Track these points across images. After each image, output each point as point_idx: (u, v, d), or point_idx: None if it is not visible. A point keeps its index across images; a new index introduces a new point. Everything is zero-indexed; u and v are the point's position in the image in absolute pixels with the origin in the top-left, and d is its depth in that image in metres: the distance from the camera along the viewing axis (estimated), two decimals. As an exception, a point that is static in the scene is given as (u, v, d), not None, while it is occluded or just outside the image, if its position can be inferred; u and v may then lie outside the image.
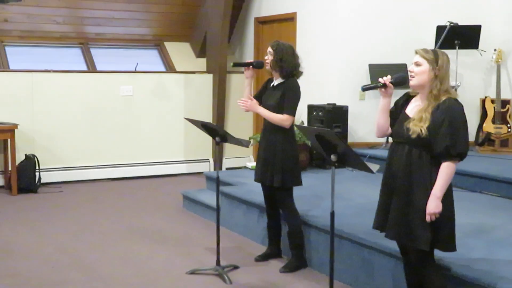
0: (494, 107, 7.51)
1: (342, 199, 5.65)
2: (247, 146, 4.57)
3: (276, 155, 4.71)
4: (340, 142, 3.33)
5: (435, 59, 3.35)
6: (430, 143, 3.31)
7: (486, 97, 7.65)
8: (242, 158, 9.12)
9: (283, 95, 4.67)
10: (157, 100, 8.73)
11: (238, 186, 6.32)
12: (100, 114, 8.39)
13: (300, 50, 7.97)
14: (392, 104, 3.62)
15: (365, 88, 3.57)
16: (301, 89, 4.78)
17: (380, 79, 3.52)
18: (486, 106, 7.58)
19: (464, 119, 3.32)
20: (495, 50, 7.64)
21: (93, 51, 8.86)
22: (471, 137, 7.57)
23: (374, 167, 3.30)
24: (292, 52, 4.74)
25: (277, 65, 4.67)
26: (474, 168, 6.25)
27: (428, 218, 3.30)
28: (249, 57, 9.26)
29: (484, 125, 7.50)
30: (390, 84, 3.50)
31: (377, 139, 7.59)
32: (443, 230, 3.36)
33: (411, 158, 3.37)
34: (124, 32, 8.99)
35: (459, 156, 3.29)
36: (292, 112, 4.69)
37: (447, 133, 3.26)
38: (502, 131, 7.42)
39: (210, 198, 6.50)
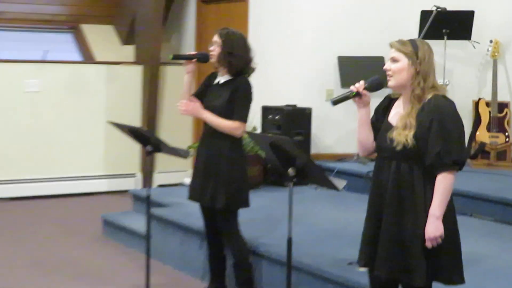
0: (490, 112, 7.79)
1: (303, 224, 5.79)
2: (185, 157, 4.68)
3: (220, 168, 4.80)
4: (300, 153, 3.48)
5: (415, 52, 3.46)
6: (419, 153, 3.41)
7: (480, 99, 7.93)
8: (178, 173, 9.19)
9: (232, 97, 4.78)
10: (72, 98, 8.76)
11: (173, 208, 6.41)
12: (-2, 115, 8.39)
13: (253, 38, 8.19)
14: (372, 113, 3.71)
15: (335, 102, 3.67)
16: (254, 87, 4.91)
17: (351, 87, 3.62)
18: (480, 110, 7.86)
19: (456, 118, 3.43)
20: (491, 41, 7.92)
21: (-11, 34, 8.89)
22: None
23: (341, 183, 3.43)
24: (244, 43, 4.87)
25: (226, 59, 4.78)
26: (464, 186, 6.47)
27: (429, 245, 3.38)
28: (189, 45, 9.37)
29: (477, 133, 7.78)
30: (365, 91, 3.61)
31: (347, 150, 7.79)
32: (446, 257, 3.44)
33: (400, 175, 3.47)
34: (30, 11, 8.99)
35: (455, 164, 3.37)
36: (244, 118, 4.82)
37: (437, 137, 3.35)
38: (499, 140, 7.71)
39: (137, 222, 6.57)
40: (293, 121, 7.57)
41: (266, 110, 7.76)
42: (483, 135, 7.76)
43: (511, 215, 6.03)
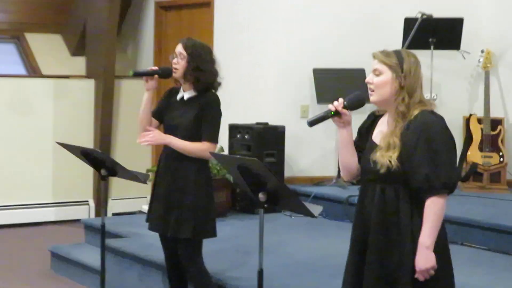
0: (482, 129, 7.95)
1: (276, 255, 5.87)
2: (145, 182, 4.74)
3: (185, 194, 4.84)
4: (271, 176, 3.55)
5: (399, 64, 3.49)
6: (405, 176, 3.45)
7: (471, 115, 8.08)
8: (136, 199, 9.24)
9: (200, 115, 4.83)
10: (15, 117, 8.79)
11: (130, 239, 6.47)
12: None
13: (219, 48, 8.31)
14: (355, 132, 3.74)
15: (311, 122, 3.68)
16: (221, 103, 4.97)
17: (330, 106, 3.63)
18: (471, 128, 8.01)
19: (446, 136, 3.46)
20: (482, 51, 8.09)
21: None
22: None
23: (316, 209, 3.52)
24: (211, 57, 4.93)
25: (193, 75, 4.82)
26: (454, 212, 6.58)
27: (421, 277, 3.42)
28: (147, 56, 9.44)
29: (469, 153, 7.92)
30: (345, 110, 3.61)
31: (325, 172, 7.90)
32: None
33: (385, 200, 3.51)
34: (-33, 19, 9.05)
35: (445, 187, 3.40)
36: (215, 138, 4.88)
37: (425, 157, 3.38)
38: (492, 161, 7.85)
39: (90, 255, 6.60)
40: (264, 141, 7.65)
41: (233, 129, 7.83)
42: (475, 154, 7.89)
43: (505, 243, 6.16)
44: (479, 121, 7.99)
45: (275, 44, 8.17)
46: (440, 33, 7.89)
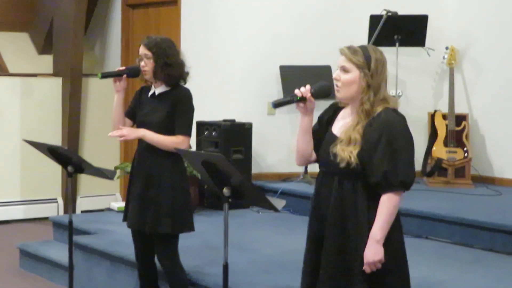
0: (447, 125, 8.06)
1: (245, 251, 5.96)
2: (111, 179, 4.79)
3: (161, 189, 4.89)
4: (235, 171, 3.62)
5: (367, 62, 3.55)
6: (363, 172, 3.53)
7: (436, 111, 8.20)
8: (104, 197, 9.28)
9: (172, 110, 4.88)
10: (-18, 115, 8.79)
11: (98, 235, 6.50)
12: None
13: (186, 46, 8.36)
14: (315, 120, 3.81)
15: (276, 104, 3.75)
16: None
17: (296, 91, 3.69)
18: (436, 124, 8.13)
19: (407, 135, 3.54)
20: (447, 48, 8.21)
21: None
22: (417, 164, 8.08)
23: (279, 203, 3.60)
24: (175, 49, 4.97)
25: (163, 72, 4.86)
26: (419, 207, 6.72)
27: (367, 269, 3.51)
28: (114, 54, 9.48)
29: (434, 148, 8.04)
30: (311, 97, 3.68)
31: (292, 169, 7.96)
32: (391, 282, 3.57)
33: (343, 192, 3.58)
34: None
35: (402, 185, 3.49)
36: (189, 131, 4.94)
37: (385, 155, 3.46)
38: (457, 156, 7.97)
39: (59, 252, 6.64)
40: (231, 138, 7.71)
41: (201, 126, 7.88)
42: (440, 150, 8.01)
43: (469, 237, 6.28)
44: (444, 117, 8.10)
45: (242, 42, 8.24)
46: (405, 30, 8.01)
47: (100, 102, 9.14)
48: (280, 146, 8.14)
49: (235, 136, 7.74)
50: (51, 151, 4.84)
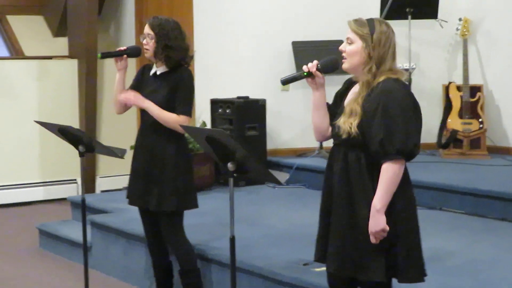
0: (461, 96, 8.11)
1: (258, 225, 6.07)
2: (121, 157, 4.87)
3: (165, 168, 4.97)
4: (238, 146, 3.71)
5: (370, 34, 3.60)
6: (365, 142, 3.57)
7: (450, 83, 8.24)
8: (122, 177, 9.39)
9: (173, 90, 4.95)
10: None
11: (115, 214, 6.63)
12: None
13: (199, 25, 8.45)
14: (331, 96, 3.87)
15: (284, 81, 3.85)
16: (202, 79, 5.10)
17: (304, 67, 3.77)
18: (450, 96, 8.17)
19: (405, 104, 3.53)
20: (460, 20, 8.24)
21: None
22: (432, 136, 8.14)
23: (282, 176, 3.67)
24: (179, 32, 5.01)
25: (163, 53, 4.93)
26: (433, 178, 6.79)
27: (373, 240, 3.55)
28: (128, 35, 9.56)
29: (449, 120, 8.09)
30: (318, 72, 3.74)
31: (308, 144, 8.04)
32: (400, 253, 3.59)
33: (348, 163, 3.64)
34: None
35: (399, 153, 3.50)
36: (189, 111, 5.00)
37: (382, 123, 3.49)
38: (472, 127, 8.01)
39: (77, 231, 6.68)
40: (245, 115, 7.81)
41: (215, 104, 7.97)
42: (455, 122, 8.05)
43: (482, 207, 6.34)
44: (458, 88, 8.15)
45: (254, 18, 8.30)
46: (416, 3, 8.04)
47: (115, 82, 9.21)
48: (294, 122, 8.20)
49: (249, 113, 7.83)
50: (62, 132, 4.94)
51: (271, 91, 8.10)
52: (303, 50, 8.02)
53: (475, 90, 8.14)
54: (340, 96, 3.85)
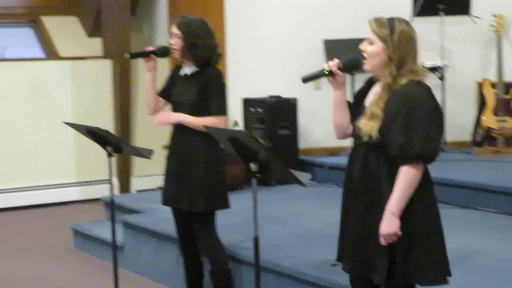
0: (496, 94, 8.04)
1: (287, 225, 6.08)
2: (149, 157, 4.91)
3: (196, 168, 5.00)
4: (260, 146, 3.72)
5: (390, 35, 3.56)
6: (385, 145, 3.55)
7: (484, 80, 8.19)
8: (157, 177, 9.44)
9: (203, 91, 4.97)
10: (34, 99, 8.99)
11: (147, 214, 6.69)
12: (-47, 121, 8.63)
13: (231, 25, 8.48)
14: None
15: (305, 79, 3.86)
16: (234, 78, 5.11)
17: (325, 65, 3.77)
18: (485, 93, 8.11)
19: (426, 107, 3.51)
20: (494, 16, 8.18)
21: None
22: (465, 134, 8.09)
23: (305, 176, 3.67)
24: (206, 30, 5.04)
25: (190, 52, 4.96)
26: (467, 177, 6.76)
27: (382, 241, 3.54)
28: (162, 35, 9.61)
29: (483, 118, 8.03)
30: (338, 71, 3.73)
31: (340, 143, 7.96)
32: (418, 255, 3.57)
33: (367, 165, 3.64)
34: (-16, 5, 9.28)
35: (419, 157, 3.49)
36: (224, 110, 5.01)
37: (402, 127, 3.47)
38: (507, 125, 7.94)
39: (109, 231, 6.76)
40: (277, 114, 7.83)
41: (247, 103, 8.01)
42: (489, 119, 7.99)
43: (515, 206, 6.30)
44: (493, 85, 8.08)
45: (286, 17, 8.32)
46: (448, -1, 8.02)
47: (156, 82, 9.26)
48: (326, 120, 8.06)
49: (281, 112, 7.85)
50: (90, 132, 4.99)
51: (303, 90, 8.05)
52: (334, 49, 8.01)
53: (509, 86, 8.07)
54: (361, 94, 3.83)
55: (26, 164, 8.96)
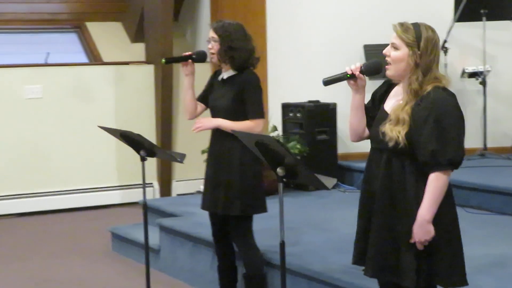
0: (539, 99, 7.97)
1: (323, 230, 6.06)
2: (181, 162, 4.94)
3: (232, 172, 5.03)
4: (286, 152, 3.73)
5: (417, 41, 3.57)
6: (412, 151, 3.56)
7: (527, 85, 8.11)
8: (197, 181, 9.49)
9: (240, 93, 5.00)
10: (77, 104, 9.10)
11: (183, 218, 6.72)
12: (-3, 124, 8.78)
13: (272, 30, 8.49)
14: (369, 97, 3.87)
15: (327, 82, 3.88)
16: (273, 82, 5.12)
17: (347, 68, 3.80)
18: (527, 98, 8.04)
19: (456, 114, 3.55)
20: (537, 21, 8.10)
21: (-14, 38, 9.29)
22: (507, 139, 8.00)
23: (330, 181, 3.67)
24: (243, 34, 5.07)
25: (227, 55, 4.98)
26: (505, 183, 6.67)
27: (420, 247, 3.56)
28: (205, 40, 9.64)
29: (526, 124, 7.95)
30: (360, 75, 3.76)
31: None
32: (445, 259, 3.60)
33: (392, 169, 3.63)
34: (28, 10, 9.38)
35: (450, 163, 3.52)
36: (261, 113, 5.04)
37: (433, 134, 3.49)
38: (550, 131, 7.85)
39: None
40: (316, 119, 7.82)
41: (285, 108, 8.01)
42: (531, 125, 7.92)
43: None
44: (535, 91, 8.01)
45: (326, 22, 8.31)
46: (491, 3, 7.92)
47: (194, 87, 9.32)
48: (366, 126, 8.16)
49: (319, 117, 7.83)
50: (123, 136, 5.04)
51: (342, 95, 7.94)
52: (374, 54, 7.95)
53: (553, 92, 7.99)
54: (379, 98, 3.83)
55: (69, 167, 9.07)
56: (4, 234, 8.04)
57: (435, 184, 3.52)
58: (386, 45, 8.32)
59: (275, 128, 7.87)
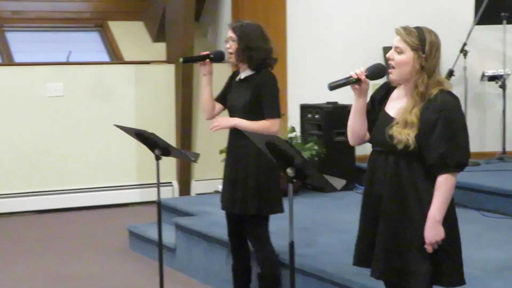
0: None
1: (337, 231, 6.07)
2: (195, 161, 4.97)
3: (248, 171, 5.06)
4: (296, 153, 3.75)
5: (421, 44, 3.61)
6: (420, 153, 3.61)
7: (547, 89, 8.06)
8: (216, 180, 9.53)
9: (257, 93, 5.02)
10: (98, 102, 9.18)
11: (199, 217, 6.76)
12: (19, 122, 8.83)
13: (292, 31, 8.50)
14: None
15: (332, 86, 3.90)
16: (292, 83, 5.12)
17: (351, 73, 3.81)
18: (548, 102, 8.00)
19: (462, 118, 3.63)
20: (558, 24, 8.05)
21: (9, 36, 9.32)
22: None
23: (339, 183, 3.69)
24: (261, 34, 5.08)
25: (245, 54, 5.01)
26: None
27: (430, 249, 3.60)
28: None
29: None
30: (366, 79, 3.77)
31: (398, 150, 7.98)
32: (447, 260, 3.66)
33: (399, 171, 3.67)
34: (51, 9, 9.46)
35: (458, 166, 3.59)
36: (277, 113, 5.06)
37: (442, 137, 3.54)
38: None
39: (164, 233, 6.88)
40: (334, 120, 7.81)
41: (304, 109, 8.03)
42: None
43: None
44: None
45: (345, 23, 8.34)
46: (511, 7, 7.89)
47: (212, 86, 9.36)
48: (384, 128, 8.16)
49: (338, 118, 7.81)
50: (138, 135, 5.09)
51: (361, 97, 8.08)
52: (394, 56, 7.97)
53: None
54: (379, 101, 3.85)
55: (88, 165, 9.14)
56: (23, 230, 8.13)
57: (445, 186, 3.58)
58: (406, 47, 8.33)
59: (293, 129, 7.88)
